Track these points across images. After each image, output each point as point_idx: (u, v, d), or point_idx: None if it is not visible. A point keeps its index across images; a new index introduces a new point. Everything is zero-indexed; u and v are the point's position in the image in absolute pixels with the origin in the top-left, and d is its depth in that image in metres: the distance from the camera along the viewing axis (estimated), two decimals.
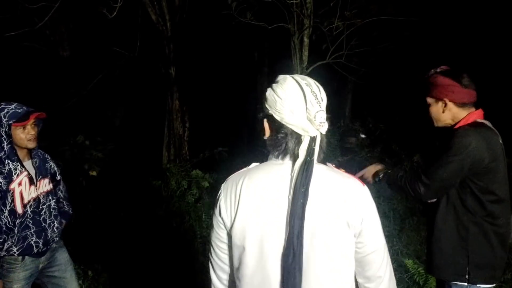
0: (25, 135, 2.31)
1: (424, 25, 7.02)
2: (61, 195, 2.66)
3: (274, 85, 1.27)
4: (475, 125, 1.96)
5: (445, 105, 2.00)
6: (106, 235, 4.62)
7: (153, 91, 8.27)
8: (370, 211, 1.25)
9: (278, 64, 8.57)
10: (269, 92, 1.27)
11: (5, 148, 2.29)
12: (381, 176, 2.18)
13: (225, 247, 1.28)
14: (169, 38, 7.06)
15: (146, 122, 8.70)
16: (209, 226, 1.29)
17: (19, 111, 2.29)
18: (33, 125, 2.34)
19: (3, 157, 2.29)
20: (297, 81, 1.24)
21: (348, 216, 1.20)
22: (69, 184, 2.70)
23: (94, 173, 5.31)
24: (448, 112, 2.02)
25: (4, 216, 2.30)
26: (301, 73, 6.85)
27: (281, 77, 1.28)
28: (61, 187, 2.65)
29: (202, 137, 7.94)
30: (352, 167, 3.59)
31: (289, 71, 7.10)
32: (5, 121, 2.26)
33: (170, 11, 7.05)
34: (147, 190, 5.81)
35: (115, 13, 4.88)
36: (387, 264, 1.31)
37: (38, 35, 7.30)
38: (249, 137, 9.29)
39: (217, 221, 1.27)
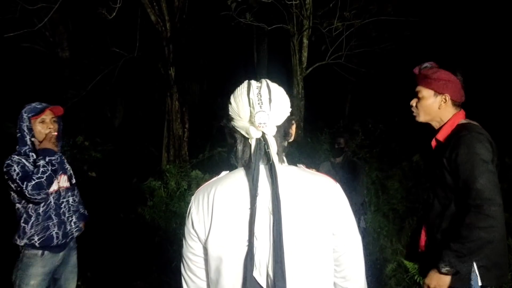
0: (44, 128, 2.46)
1: (423, 25, 7.04)
2: (76, 199, 2.73)
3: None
4: (468, 128, 1.91)
5: (445, 101, 1.98)
6: (105, 236, 4.61)
7: (153, 92, 8.27)
8: (345, 208, 1.24)
9: (278, 65, 8.58)
10: (228, 101, 1.27)
11: (28, 142, 2.45)
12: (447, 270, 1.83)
13: (199, 260, 1.24)
14: (168, 39, 7.06)
15: (145, 123, 8.70)
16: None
17: (38, 106, 2.48)
18: (52, 121, 2.49)
19: (27, 150, 2.45)
20: (249, 84, 1.23)
21: (324, 214, 1.19)
22: None
23: (93, 174, 5.31)
24: (444, 109, 1.99)
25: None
26: (300, 74, 6.89)
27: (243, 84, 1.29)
28: (75, 192, 2.74)
29: (202, 138, 7.94)
30: (344, 168, 3.60)
31: (289, 72, 7.11)
32: (26, 115, 2.45)
33: (169, 12, 7.05)
34: (147, 191, 5.81)
35: (114, 14, 4.89)
36: (362, 261, 1.31)
37: (37, 36, 7.30)
38: None
39: (189, 235, 1.24)
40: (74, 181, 2.73)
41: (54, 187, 2.50)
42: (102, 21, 5.67)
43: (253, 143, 1.21)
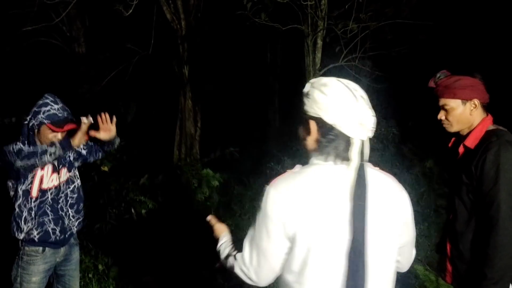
0: (54, 138, 2.35)
1: (440, 29, 6.96)
2: (75, 191, 2.57)
3: (322, 87, 1.25)
4: (497, 135, 1.88)
5: (475, 106, 1.95)
6: (115, 231, 4.65)
7: (166, 89, 8.31)
8: (411, 207, 1.35)
9: (291, 65, 8.56)
10: (317, 94, 1.25)
11: (30, 138, 2.36)
12: None
13: (274, 248, 1.24)
14: (183, 37, 7.08)
15: (158, 120, 8.74)
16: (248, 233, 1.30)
17: (60, 115, 2.33)
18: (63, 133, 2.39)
19: (25, 141, 2.37)
20: (345, 85, 1.25)
21: (401, 214, 1.29)
22: (81, 179, 2.73)
23: (106, 169, 5.35)
24: (475, 113, 1.96)
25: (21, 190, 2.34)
26: (313, 76, 6.85)
27: (326, 80, 1.27)
28: (76, 184, 2.59)
29: (214, 137, 7.96)
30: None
31: (302, 73, 7.08)
32: (41, 117, 2.30)
33: (185, 10, 7.08)
34: (158, 187, 5.84)
35: (131, 10, 4.92)
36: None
37: (54, 31, 7.39)
38: (261, 137, 9.29)
39: (267, 227, 1.23)
40: (75, 171, 2.59)
41: (54, 182, 2.42)
42: (118, 18, 5.71)
43: (357, 143, 1.23)
